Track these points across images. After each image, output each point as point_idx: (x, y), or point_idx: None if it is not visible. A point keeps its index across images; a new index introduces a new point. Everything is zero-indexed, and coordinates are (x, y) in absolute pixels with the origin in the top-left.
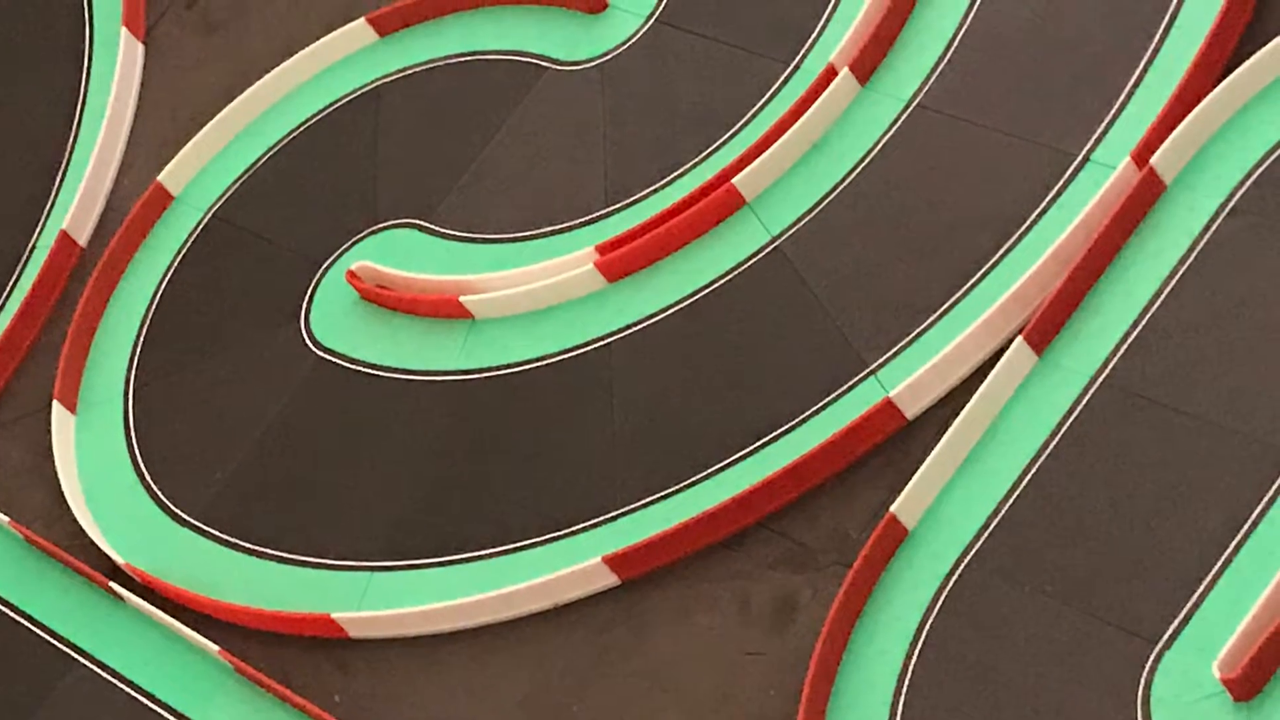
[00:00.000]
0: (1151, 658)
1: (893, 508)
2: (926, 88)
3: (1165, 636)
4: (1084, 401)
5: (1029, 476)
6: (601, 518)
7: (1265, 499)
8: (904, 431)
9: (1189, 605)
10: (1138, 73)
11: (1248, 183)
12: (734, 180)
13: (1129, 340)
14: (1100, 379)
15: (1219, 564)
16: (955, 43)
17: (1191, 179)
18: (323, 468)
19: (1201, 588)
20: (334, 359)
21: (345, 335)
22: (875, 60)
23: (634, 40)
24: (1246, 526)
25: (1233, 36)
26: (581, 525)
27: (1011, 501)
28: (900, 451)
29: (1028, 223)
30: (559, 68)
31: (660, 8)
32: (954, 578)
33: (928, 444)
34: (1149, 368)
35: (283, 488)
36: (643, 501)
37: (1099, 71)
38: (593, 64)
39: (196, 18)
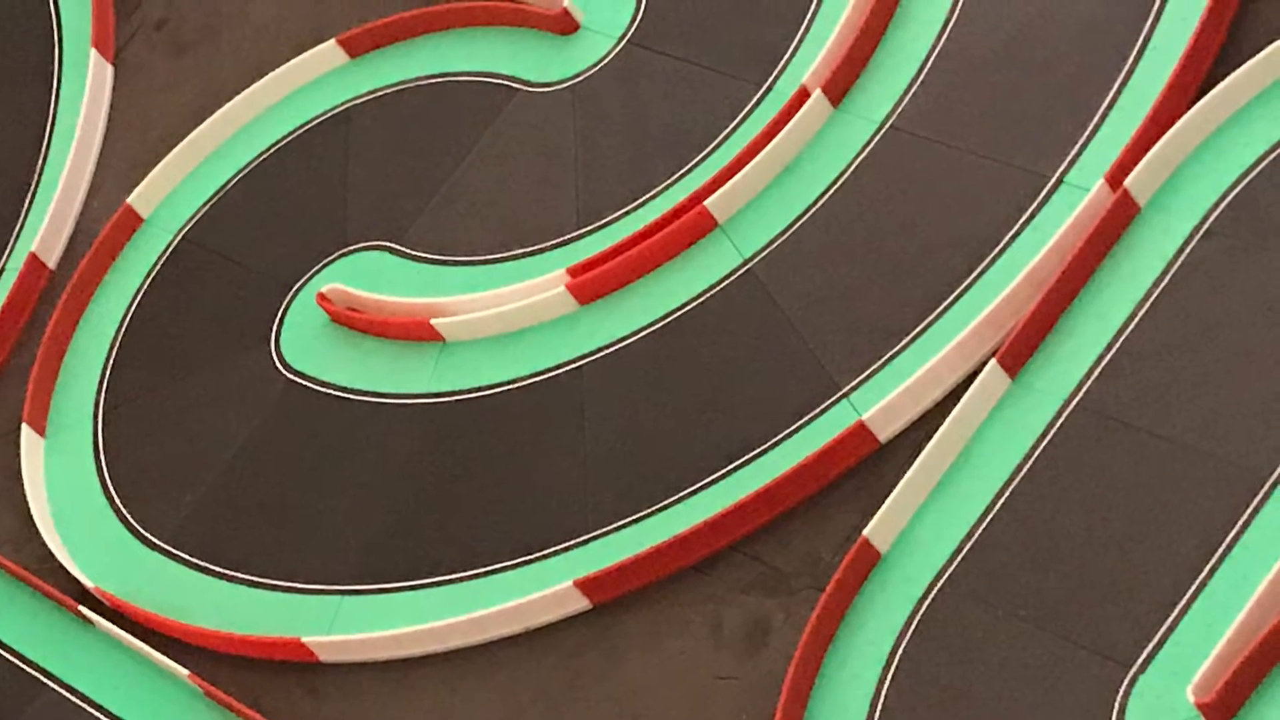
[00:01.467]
0: (1126, 681)
1: (865, 531)
2: (899, 109)
3: (1140, 660)
4: (1058, 424)
5: (1002, 500)
6: (573, 541)
7: (1240, 522)
8: (877, 454)
9: (1164, 629)
10: (1112, 94)
11: (1222, 204)
12: (706, 202)
13: (1103, 363)
14: (1074, 402)
15: (1193, 587)
16: (928, 64)
17: (1166, 201)
18: (293, 491)
19: (1176, 611)
20: (304, 382)
21: (316, 358)
22: (848, 82)
23: (606, 61)
24: (1221, 550)
25: (1207, 58)
26: (553, 549)
27: (985, 525)
28: (873, 475)
29: (1001, 245)
30: (530, 89)
31: (632, 29)
32: (927, 601)
33: (900, 467)
34: (1123, 390)
35: (253, 511)
36: (614, 525)
37: (1073, 93)
38: (564, 85)
39: (166, 39)
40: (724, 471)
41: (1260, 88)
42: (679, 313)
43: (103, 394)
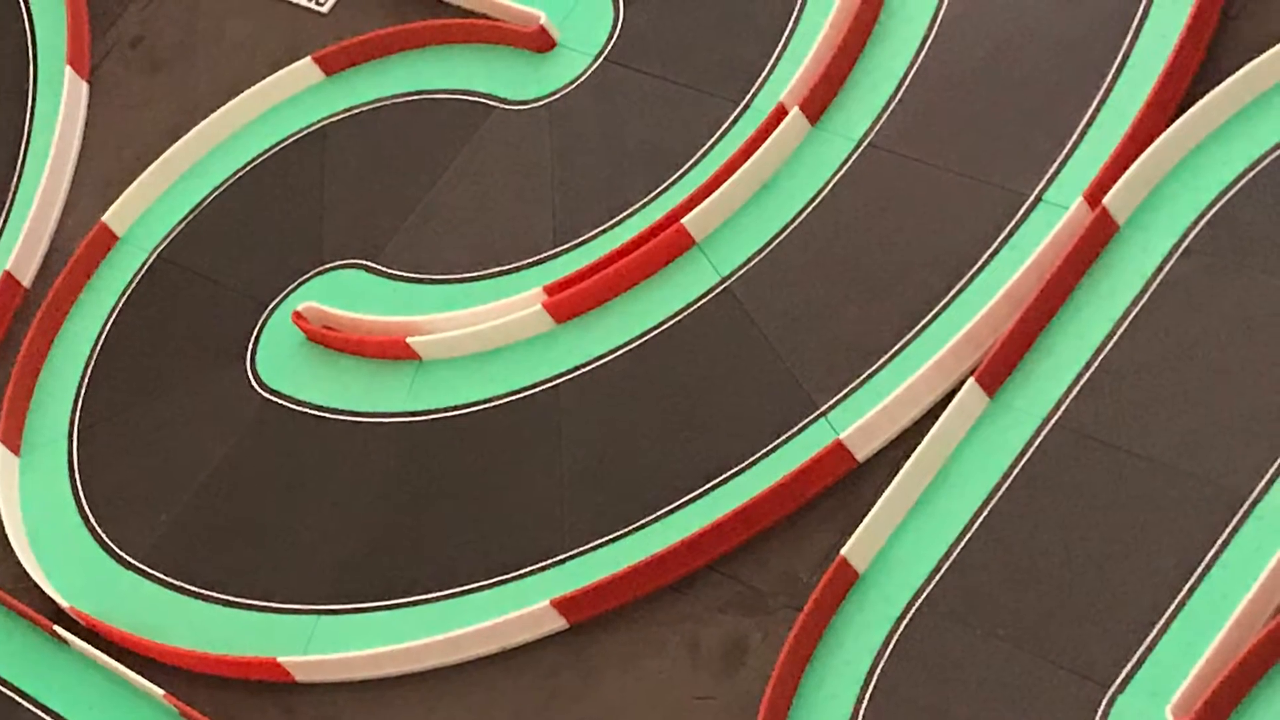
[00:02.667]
0: (1105, 701)
1: (843, 550)
2: (877, 127)
3: (1119, 680)
4: (1036, 443)
5: (981, 519)
6: (549, 561)
7: (1219, 541)
8: (855, 473)
9: (1142, 648)
10: (1090, 112)
11: (1201, 223)
12: (683, 220)
13: (1081, 382)
14: (1052, 421)
15: (1172, 607)
16: (906, 82)
17: (1145, 219)
18: (268, 510)
19: (1155, 631)
20: (280, 400)
21: (291, 377)
22: (826, 99)
23: (582, 79)
24: (1200, 569)
25: (1186, 76)
26: (529, 568)
27: (963, 544)
28: (851, 494)
29: (979, 263)
30: (507, 107)
31: (609, 47)
32: (905, 621)
33: (879, 486)
34: (1102, 409)
35: (228, 530)
36: (591, 544)
37: (1051, 111)
38: (541, 103)
39: (141, 57)
40: (701, 491)
41: (1239, 106)
42: (656, 331)
43: (78, 412)
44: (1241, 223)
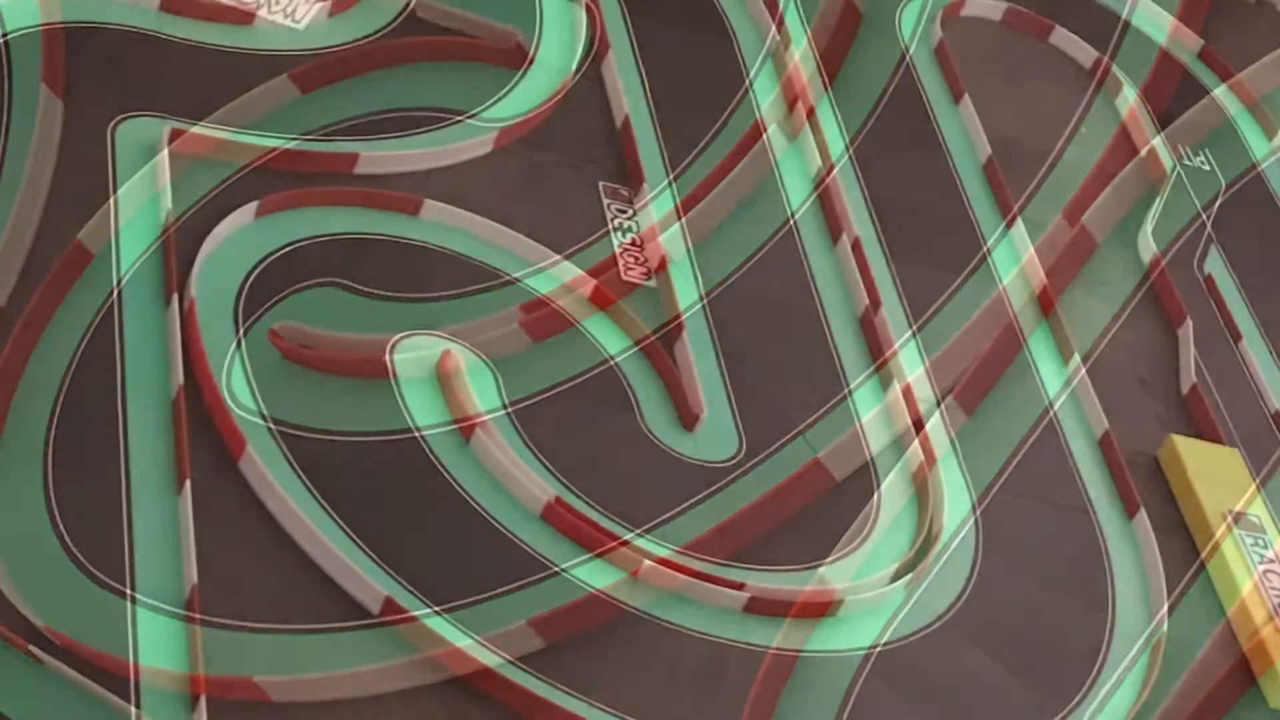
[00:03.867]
0: None
1: (822, 569)
2: (857, 143)
3: (1098, 700)
4: (1016, 459)
5: (960, 537)
6: (527, 580)
7: (1200, 559)
8: (833, 492)
9: (1122, 666)
10: (1070, 128)
11: (1181, 239)
12: (661, 238)
13: (1061, 399)
14: (1032, 438)
15: (1153, 624)
16: (885, 98)
17: (1123, 236)
18: (245, 529)
19: (1135, 648)
20: (257, 420)
21: (268, 395)
22: (805, 116)
23: (559, 96)
24: (1179, 590)
25: (1166, 93)
26: (507, 587)
27: (942, 562)
28: (830, 512)
29: (959, 280)
30: (484, 124)
31: (586, 64)
32: (884, 639)
33: (857, 504)
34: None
35: (204, 549)
36: (569, 563)
37: (1032, 126)
38: (518, 120)
39: (117, 74)
40: (680, 509)
41: (1220, 122)
42: (633, 350)
43: (53, 431)
44: (1221, 239)
